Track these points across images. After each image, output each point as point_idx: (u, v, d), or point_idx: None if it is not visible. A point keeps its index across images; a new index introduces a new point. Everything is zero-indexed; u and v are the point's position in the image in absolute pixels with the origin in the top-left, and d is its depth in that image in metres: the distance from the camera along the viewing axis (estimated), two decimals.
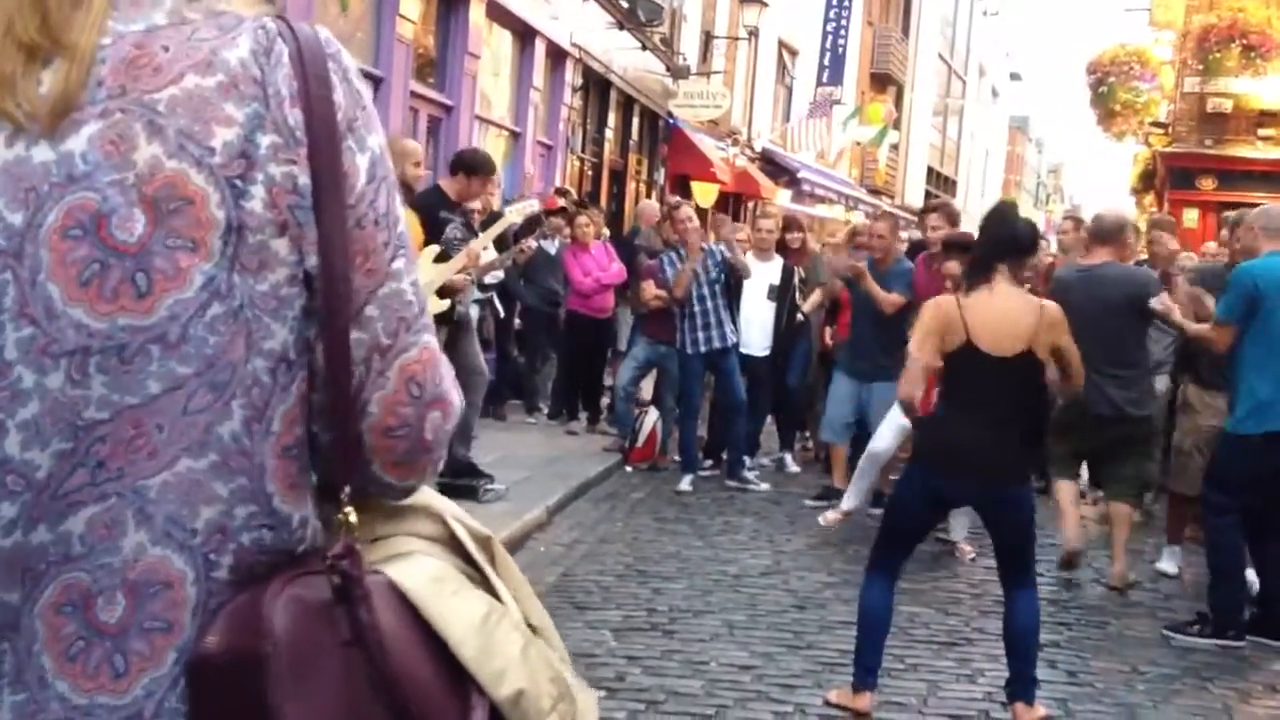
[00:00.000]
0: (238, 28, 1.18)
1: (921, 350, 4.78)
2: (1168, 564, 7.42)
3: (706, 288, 9.33)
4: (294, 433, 1.19)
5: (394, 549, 1.27)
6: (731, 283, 9.53)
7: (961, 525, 7.54)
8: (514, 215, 9.18)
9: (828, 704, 4.91)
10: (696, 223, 9.76)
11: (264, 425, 1.17)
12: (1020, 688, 4.73)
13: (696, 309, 9.34)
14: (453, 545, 1.31)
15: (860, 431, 8.68)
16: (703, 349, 9.37)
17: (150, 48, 1.15)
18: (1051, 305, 4.86)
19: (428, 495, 1.34)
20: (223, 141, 1.14)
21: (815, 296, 9.91)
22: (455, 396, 1.27)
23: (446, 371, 1.26)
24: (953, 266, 7.05)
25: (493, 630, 1.25)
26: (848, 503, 7.99)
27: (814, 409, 10.37)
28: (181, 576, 1.13)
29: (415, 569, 1.23)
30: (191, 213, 1.13)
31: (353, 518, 1.20)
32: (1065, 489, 7.09)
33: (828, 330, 9.95)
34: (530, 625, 1.33)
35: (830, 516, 8.02)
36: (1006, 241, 4.82)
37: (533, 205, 9.93)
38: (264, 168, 1.15)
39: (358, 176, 1.19)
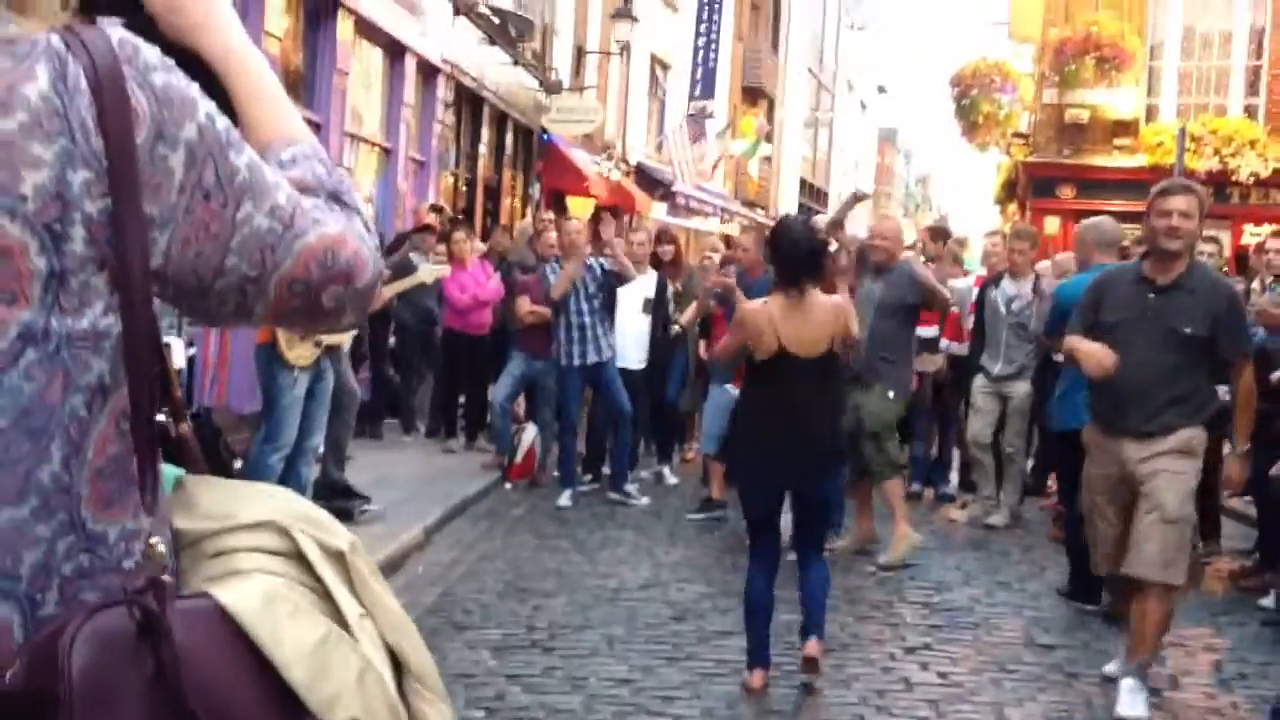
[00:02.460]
0: (32, 54, 1.14)
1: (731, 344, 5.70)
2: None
3: (585, 302, 9.35)
4: (106, 453, 1.18)
5: (232, 565, 1.25)
6: (610, 298, 9.57)
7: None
8: (425, 275, 9.27)
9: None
10: (585, 234, 9.78)
11: (80, 457, 1.15)
12: (814, 628, 5.39)
13: (574, 322, 9.35)
14: (300, 560, 1.28)
15: None
16: (578, 362, 9.38)
17: None
18: (845, 303, 5.69)
19: (282, 503, 1.32)
20: (34, 186, 1.11)
21: (690, 311, 10.02)
22: (360, 269, 1.30)
23: (356, 247, 1.29)
24: None
25: (328, 654, 1.22)
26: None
27: (694, 421, 10.49)
28: (9, 624, 1.12)
29: (248, 589, 1.21)
30: (10, 265, 1.10)
31: (160, 548, 1.18)
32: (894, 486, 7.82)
33: (703, 344, 10.06)
34: (387, 643, 1.31)
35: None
36: (802, 259, 5.41)
37: (444, 270, 10.01)
38: (80, 206, 1.13)
39: (173, 175, 1.18)
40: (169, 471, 1.33)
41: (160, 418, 1.29)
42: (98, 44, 1.17)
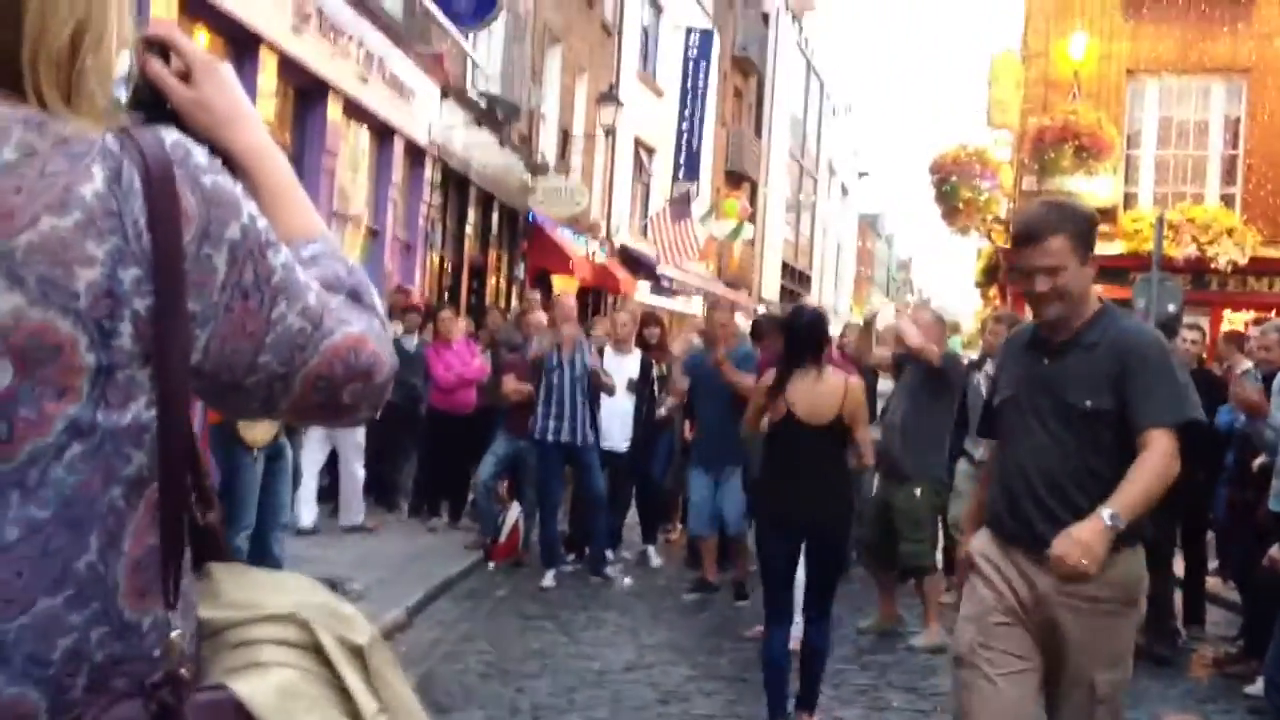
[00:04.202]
0: (88, 155, 1.17)
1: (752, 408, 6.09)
2: None
3: (570, 381, 9.35)
4: (144, 544, 1.19)
5: (251, 657, 1.27)
6: (593, 392, 9.60)
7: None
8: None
9: None
10: (573, 310, 9.88)
11: (116, 548, 1.17)
12: (807, 700, 5.84)
13: (554, 396, 9.33)
14: (319, 654, 1.30)
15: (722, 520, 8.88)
16: (555, 438, 9.31)
17: (2, 191, 1.13)
18: (855, 381, 6.02)
19: (305, 595, 1.34)
20: (86, 283, 1.14)
21: (670, 400, 10.07)
22: (379, 367, 1.33)
23: (375, 348, 1.33)
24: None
25: None
26: None
27: (680, 501, 10.50)
28: (36, 709, 1.13)
29: (265, 683, 1.23)
30: (61, 360, 1.13)
31: (178, 640, 1.20)
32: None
33: (688, 424, 10.09)
34: None
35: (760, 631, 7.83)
36: (808, 340, 5.94)
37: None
38: (129, 303, 1.16)
39: (216, 274, 1.21)
40: None
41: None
42: (151, 146, 1.20)
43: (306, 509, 10.06)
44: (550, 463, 9.47)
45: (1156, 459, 3.47)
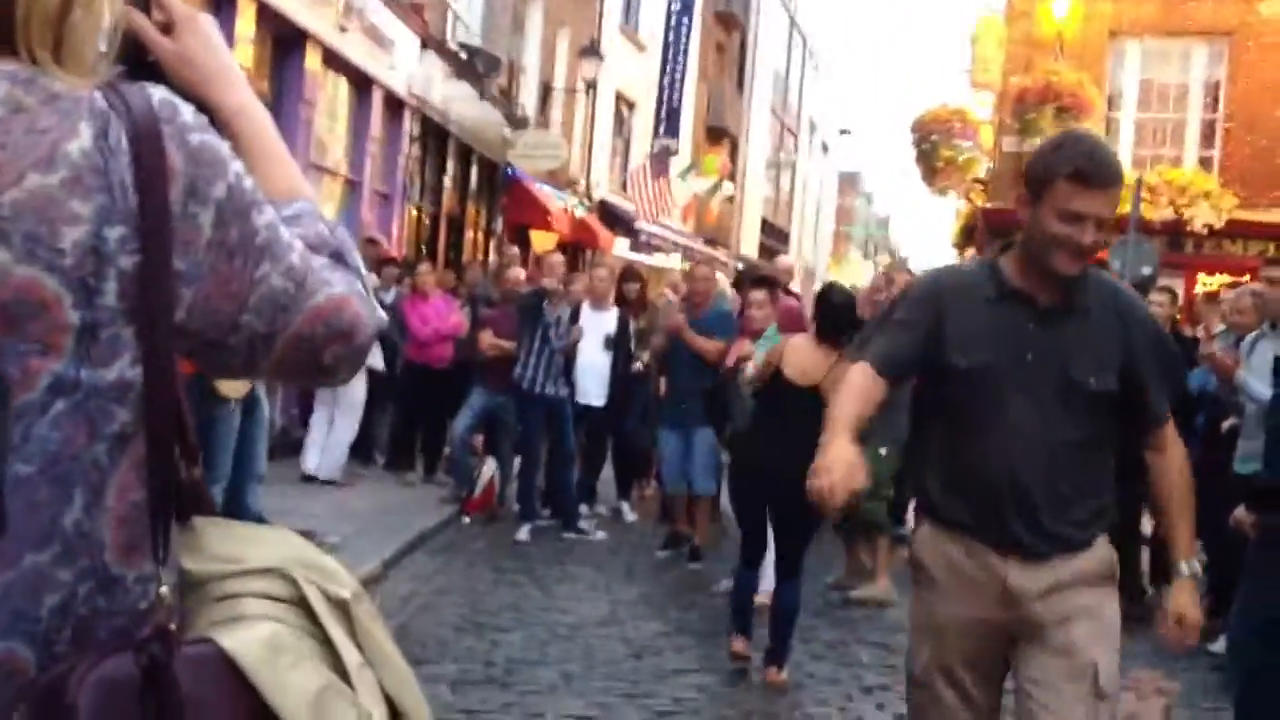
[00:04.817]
0: (75, 111, 1.17)
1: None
2: None
3: (559, 338, 9.39)
4: (127, 499, 1.20)
5: (236, 611, 1.28)
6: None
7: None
8: None
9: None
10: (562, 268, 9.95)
11: (100, 504, 1.18)
12: (777, 655, 6.02)
13: (544, 350, 9.37)
14: (304, 607, 1.31)
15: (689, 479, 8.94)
16: (537, 390, 9.38)
17: None
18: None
19: (289, 548, 1.35)
20: (72, 241, 1.14)
21: (656, 340, 10.08)
22: (361, 328, 1.33)
23: (357, 309, 1.33)
24: (757, 295, 7.97)
25: (327, 706, 1.25)
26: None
27: (653, 458, 10.53)
28: (27, 664, 1.15)
29: (252, 636, 1.24)
30: (46, 317, 1.14)
31: (167, 596, 1.21)
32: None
33: (662, 381, 10.09)
34: (387, 693, 1.33)
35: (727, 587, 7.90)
36: (844, 320, 6.19)
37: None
38: (115, 261, 1.16)
39: (202, 233, 1.22)
40: None
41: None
42: (139, 103, 1.20)
43: (313, 453, 10.48)
44: (534, 417, 9.49)
45: (1184, 466, 3.14)
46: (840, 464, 2.89)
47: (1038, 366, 3.01)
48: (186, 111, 1.24)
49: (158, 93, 1.23)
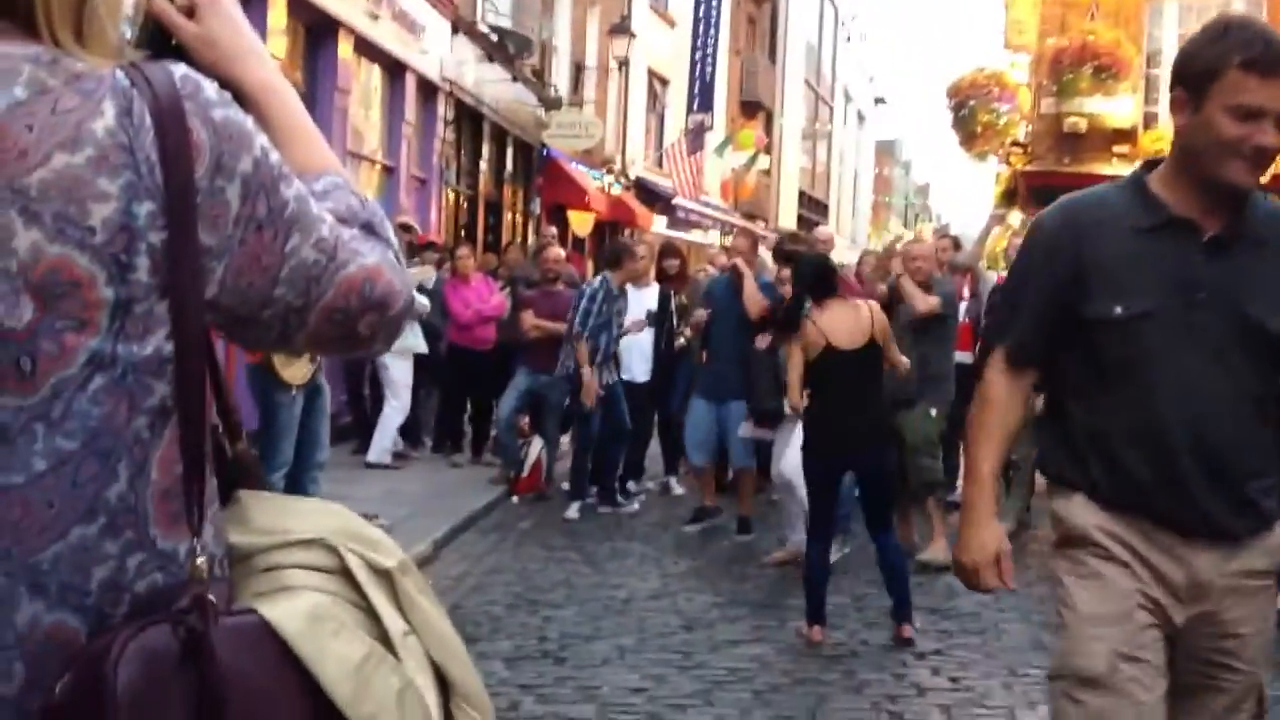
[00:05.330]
0: (99, 90, 1.18)
1: (795, 372, 6.48)
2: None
3: (612, 324, 9.44)
4: (171, 473, 1.22)
5: (280, 581, 1.29)
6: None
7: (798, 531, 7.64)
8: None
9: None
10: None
11: (144, 477, 1.20)
12: (900, 611, 6.22)
13: (606, 332, 9.44)
14: (346, 577, 1.32)
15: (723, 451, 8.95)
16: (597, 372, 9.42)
17: (13, 129, 1.14)
18: (875, 305, 6.67)
19: (334, 520, 1.36)
20: (101, 219, 1.15)
21: (698, 314, 10.08)
22: (394, 298, 1.33)
23: (390, 279, 1.33)
24: (784, 273, 8.08)
25: (370, 674, 1.26)
26: (793, 543, 7.73)
27: None
28: (77, 632, 1.16)
29: (294, 606, 1.25)
30: (80, 295, 1.15)
31: (203, 568, 1.22)
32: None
33: (704, 354, 10.08)
34: (434, 662, 1.34)
35: (777, 557, 7.89)
36: (813, 282, 6.54)
37: (428, 272, 10.17)
38: (145, 237, 1.17)
39: (229, 208, 1.22)
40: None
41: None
42: (161, 80, 1.21)
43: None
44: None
45: None
46: (986, 554, 2.79)
47: (1211, 307, 2.52)
48: (209, 87, 1.24)
49: (179, 69, 1.23)
